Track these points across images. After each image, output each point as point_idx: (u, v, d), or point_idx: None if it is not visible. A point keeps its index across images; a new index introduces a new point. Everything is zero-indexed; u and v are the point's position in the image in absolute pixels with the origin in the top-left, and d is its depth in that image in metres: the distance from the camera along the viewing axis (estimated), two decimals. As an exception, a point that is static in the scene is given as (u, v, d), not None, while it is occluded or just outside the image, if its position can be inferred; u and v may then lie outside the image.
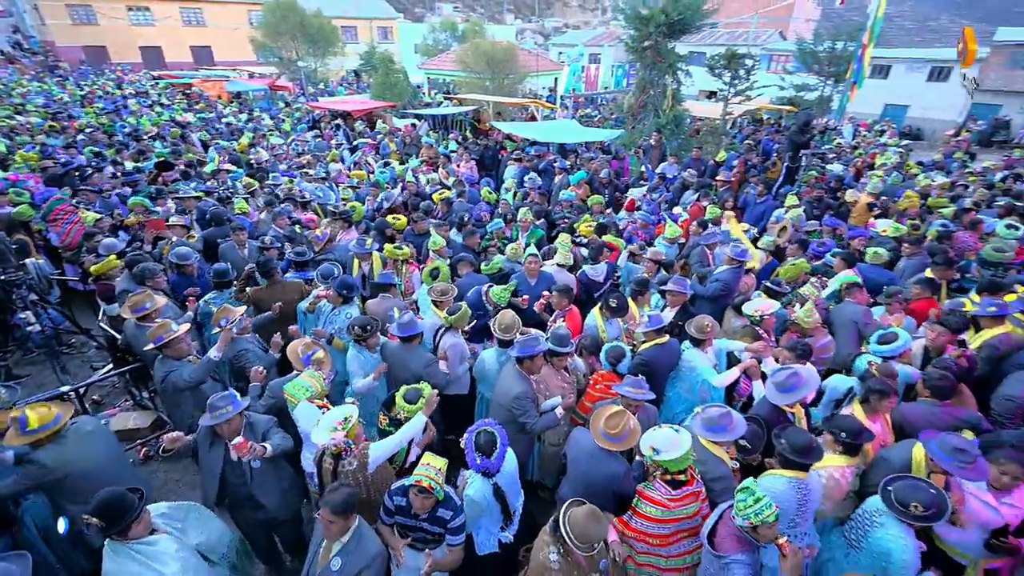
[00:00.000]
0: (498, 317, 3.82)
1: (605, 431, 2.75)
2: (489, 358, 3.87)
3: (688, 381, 3.82)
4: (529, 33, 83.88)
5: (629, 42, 11.62)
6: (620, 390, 3.07)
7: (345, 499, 2.31)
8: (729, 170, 8.97)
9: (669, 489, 2.61)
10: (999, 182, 10.66)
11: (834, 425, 2.91)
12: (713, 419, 2.86)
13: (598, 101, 21.67)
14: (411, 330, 3.77)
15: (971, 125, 22.33)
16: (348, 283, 4.36)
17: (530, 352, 3.26)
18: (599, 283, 5.38)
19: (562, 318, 4.31)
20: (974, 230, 6.82)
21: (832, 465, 2.86)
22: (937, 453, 2.61)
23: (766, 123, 17.00)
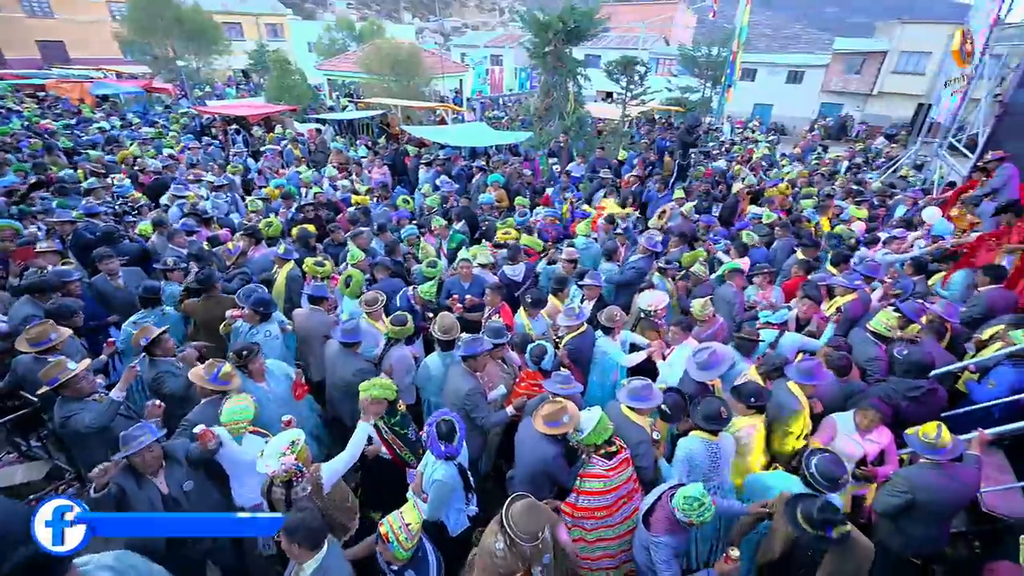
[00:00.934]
0: (437, 319, 3.96)
1: (543, 416, 3.03)
2: (433, 363, 3.96)
3: (602, 366, 4.21)
4: (428, 33, 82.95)
5: (530, 48, 12.10)
6: (550, 387, 3.33)
7: (300, 525, 2.23)
8: (631, 168, 9.76)
9: (606, 461, 2.94)
10: (844, 172, 12.63)
11: (740, 392, 3.41)
12: (636, 390, 3.24)
13: (502, 103, 22.22)
14: (353, 337, 3.85)
15: (821, 122, 25.99)
16: (263, 300, 4.17)
17: (475, 351, 3.44)
18: (518, 283, 5.68)
19: (496, 314, 4.53)
20: (828, 212, 8.10)
21: (745, 424, 3.38)
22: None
23: (659, 122, 18.48)
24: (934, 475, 2.77)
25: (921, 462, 2.85)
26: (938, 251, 6.24)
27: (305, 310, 4.55)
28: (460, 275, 5.13)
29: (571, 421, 3.06)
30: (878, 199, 9.34)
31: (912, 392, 3.44)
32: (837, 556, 2.39)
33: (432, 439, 2.85)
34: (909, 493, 2.79)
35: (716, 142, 16.25)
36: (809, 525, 2.32)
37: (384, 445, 3.39)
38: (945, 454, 2.72)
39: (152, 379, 3.65)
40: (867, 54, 26.38)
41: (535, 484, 3.10)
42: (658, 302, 4.56)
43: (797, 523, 2.35)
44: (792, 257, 5.96)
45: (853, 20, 75.94)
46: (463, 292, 5.00)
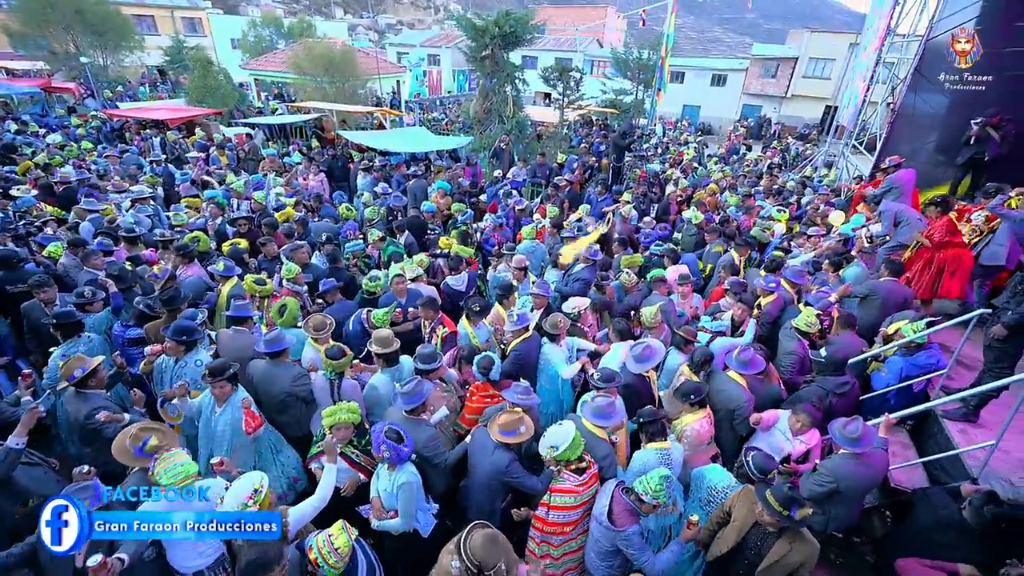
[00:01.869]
0: (373, 336, 3.91)
1: (499, 425, 3.08)
2: (380, 383, 3.86)
3: (547, 373, 4.30)
4: (362, 30, 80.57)
5: (468, 52, 12.10)
6: (510, 398, 3.37)
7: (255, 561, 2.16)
8: (571, 172, 10.00)
9: (576, 477, 3.01)
10: (766, 171, 13.55)
11: (682, 391, 3.61)
12: (600, 408, 3.35)
13: (444, 105, 22.03)
14: (278, 345, 3.78)
15: (743, 122, 27.77)
16: (182, 328, 3.81)
17: (419, 400, 3.29)
18: (462, 292, 5.70)
19: (440, 326, 4.51)
20: (751, 214, 8.69)
21: (691, 420, 3.58)
22: None
23: (595, 124, 19.02)
24: (853, 464, 3.07)
25: (842, 452, 3.14)
26: (839, 250, 6.85)
27: (229, 332, 4.28)
28: (394, 291, 5.03)
29: (527, 431, 3.14)
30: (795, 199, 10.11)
31: (841, 389, 3.78)
32: (784, 546, 2.60)
33: (392, 447, 2.86)
34: (834, 483, 3.07)
35: (650, 144, 16.94)
36: (780, 504, 2.53)
37: (357, 469, 3.33)
38: (862, 445, 3.02)
39: (85, 416, 3.26)
40: (781, 60, 28.45)
41: (490, 492, 3.17)
42: (580, 305, 4.73)
43: (768, 503, 2.55)
44: (722, 259, 6.33)
45: (769, 26, 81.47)
46: (402, 308, 4.94)
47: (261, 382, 3.81)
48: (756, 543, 2.70)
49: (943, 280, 5.24)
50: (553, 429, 3.06)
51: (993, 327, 3.75)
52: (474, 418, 3.65)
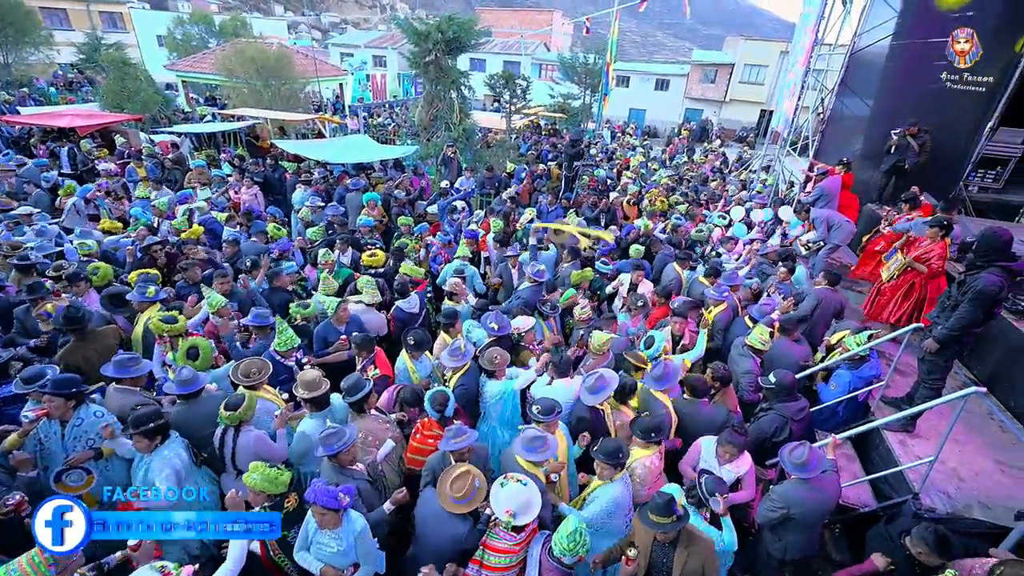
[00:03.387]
0: (299, 378, 3.56)
1: (452, 495, 2.78)
2: (311, 429, 3.52)
3: (491, 412, 4.03)
4: (304, 28, 77.63)
5: (410, 57, 11.70)
6: (444, 447, 3.12)
7: None
8: (519, 182, 9.83)
9: (514, 535, 2.75)
10: (711, 175, 13.96)
11: (643, 428, 3.47)
12: (530, 440, 3.13)
13: (392, 108, 21.34)
14: (193, 386, 3.43)
15: (687, 126, 28.70)
16: (64, 380, 3.24)
17: (342, 447, 2.96)
18: (416, 315, 5.40)
19: (371, 365, 4.19)
20: (695, 221, 8.85)
21: (642, 457, 3.44)
22: None
23: (544, 130, 19.01)
24: (804, 490, 3.04)
25: (791, 478, 3.10)
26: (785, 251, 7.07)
27: (112, 391, 3.63)
28: (335, 320, 4.66)
29: (482, 485, 2.88)
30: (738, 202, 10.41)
31: (799, 415, 3.77)
32: (683, 554, 2.67)
33: (348, 493, 2.64)
34: (785, 507, 3.03)
35: (598, 149, 17.09)
36: (705, 493, 2.84)
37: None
38: (810, 471, 2.99)
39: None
40: (719, 65, 29.64)
41: (443, 561, 2.86)
42: (525, 326, 4.55)
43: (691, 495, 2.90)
44: (665, 271, 6.33)
45: (707, 31, 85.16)
46: (338, 337, 4.59)
47: (183, 427, 3.35)
48: (661, 559, 2.75)
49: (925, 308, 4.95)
50: (513, 486, 2.78)
51: (925, 341, 3.86)
52: (418, 459, 3.37)
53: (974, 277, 3.62)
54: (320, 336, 4.61)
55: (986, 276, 3.53)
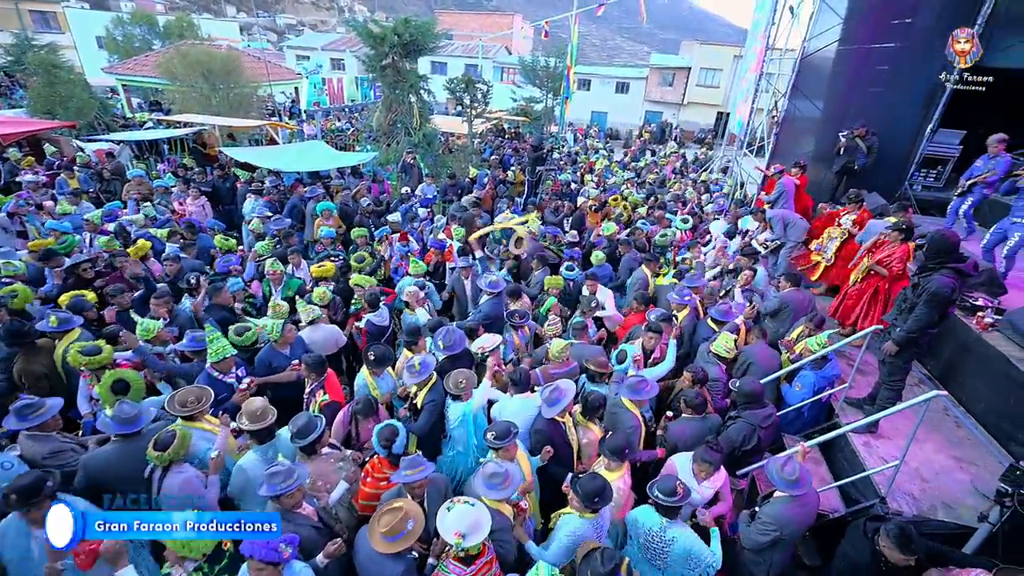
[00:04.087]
0: (244, 406, 3.28)
1: (382, 533, 2.55)
2: (249, 465, 3.22)
3: (455, 436, 3.82)
4: (259, 30, 75.29)
5: (367, 61, 11.36)
6: (398, 479, 2.89)
7: None
8: (481, 187, 9.64)
9: (464, 568, 2.56)
10: (672, 175, 14.15)
11: (606, 448, 3.33)
12: (491, 476, 2.93)
13: (351, 112, 20.76)
14: (135, 424, 3.09)
15: (648, 128, 29.23)
16: None
17: (287, 489, 2.69)
18: (386, 327, 5.19)
19: (320, 389, 3.91)
20: (660, 224, 8.88)
21: (614, 478, 3.29)
22: None
23: (507, 134, 18.90)
24: (793, 508, 2.96)
25: (779, 496, 3.03)
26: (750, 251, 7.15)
27: (23, 438, 3.19)
28: (278, 344, 4.33)
29: (417, 527, 2.65)
30: (696, 206, 10.56)
31: (766, 423, 3.71)
32: None
33: (291, 543, 2.38)
34: (777, 530, 2.94)
35: (562, 153, 17.11)
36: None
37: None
38: (801, 487, 2.92)
39: None
40: (676, 69, 30.35)
41: None
42: (489, 344, 4.37)
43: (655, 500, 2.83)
44: (633, 277, 6.28)
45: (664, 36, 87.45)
46: (284, 362, 4.28)
47: (111, 474, 2.99)
48: None
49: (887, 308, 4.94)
50: (460, 507, 2.61)
51: (884, 344, 3.90)
52: (370, 504, 3.12)
53: (927, 279, 3.67)
54: (263, 362, 4.28)
55: (938, 278, 3.58)
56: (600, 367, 4.16)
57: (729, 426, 3.83)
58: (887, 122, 8.51)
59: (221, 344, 3.83)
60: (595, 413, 3.81)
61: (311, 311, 4.79)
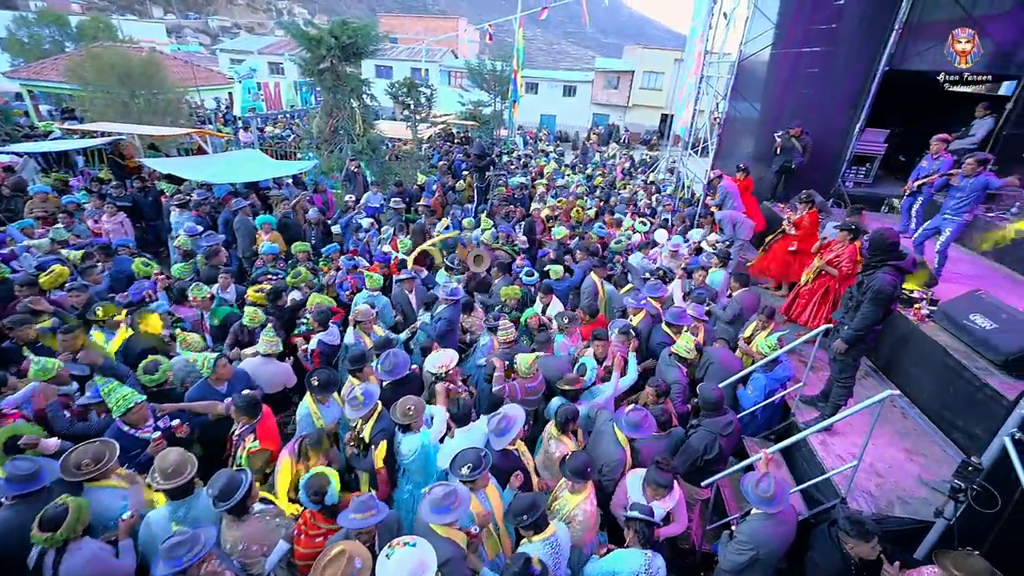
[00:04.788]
0: (157, 460, 2.88)
1: None
2: (156, 520, 2.80)
3: (411, 470, 3.52)
4: (190, 32, 71.28)
5: (303, 64, 10.78)
6: (349, 524, 2.59)
7: None
8: (430, 195, 9.33)
9: None
10: (620, 180, 14.31)
11: (566, 469, 3.14)
12: (438, 500, 2.71)
13: (294, 119, 19.75)
14: (34, 483, 2.69)
15: (596, 130, 29.72)
16: None
17: (192, 562, 2.30)
18: (338, 346, 4.88)
19: (251, 434, 3.50)
20: (618, 227, 8.89)
21: (577, 502, 3.12)
22: None
23: (457, 138, 18.61)
24: (770, 526, 2.87)
25: (756, 514, 2.93)
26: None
27: None
28: (212, 380, 3.89)
29: (365, 568, 2.37)
30: (647, 208, 10.70)
31: (727, 430, 3.64)
32: None
33: None
34: (754, 549, 2.84)
35: (512, 157, 17.00)
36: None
37: None
38: (777, 504, 2.82)
39: None
40: (620, 72, 31.06)
41: None
42: (447, 362, 4.12)
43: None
44: (583, 284, 6.18)
45: (607, 40, 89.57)
46: (220, 398, 3.85)
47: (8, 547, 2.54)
48: None
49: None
50: (401, 555, 2.34)
51: (834, 343, 3.95)
52: (307, 564, 2.78)
53: (871, 277, 3.73)
54: (192, 399, 3.83)
55: (881, 276, 3.64)
56: (570, 384, 4.00)
57: (691, 435, 3.75)
58: (819, 122, 8.90)
59: (121, 394, 3.32)
60: (568, 426, 3.64)
61: (271, 344, 4.36)
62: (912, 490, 3.65)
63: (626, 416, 3.51)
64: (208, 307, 5.12)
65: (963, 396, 4.16)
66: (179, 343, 4.29)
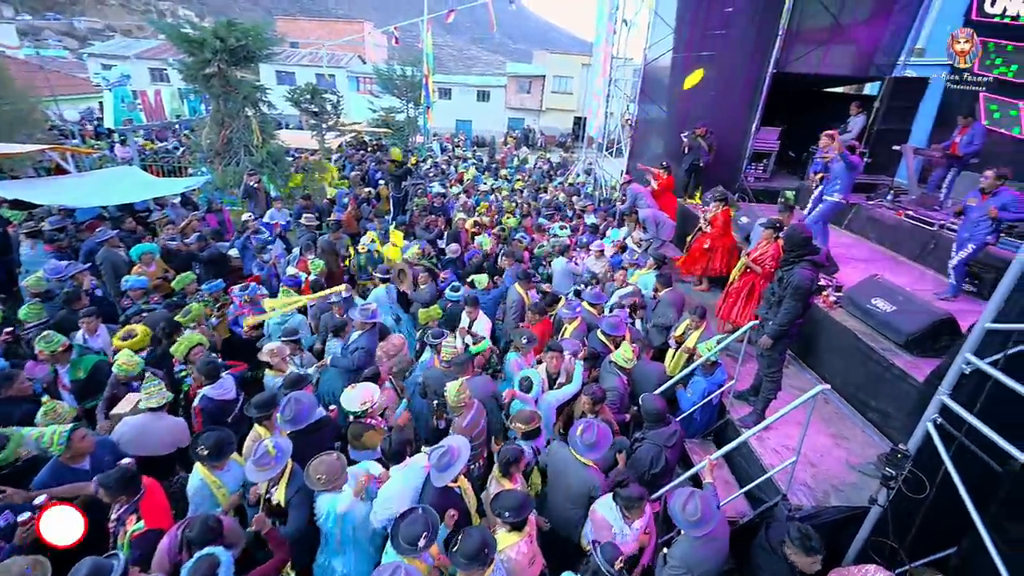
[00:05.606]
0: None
1: None
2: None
3: (331, 536, 3.03)
4: (52, 35, 62.75)
5: (184, 69, 9.62)
6: None
7: None
8: (343, 208, 8.65)
9: None
10: (542, 186, 14.35)
11: (497, 507, 2.85)
12: None
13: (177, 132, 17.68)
14: None
15: (512, 134, 29.93)
16: None
17: None
18: (232, 402, 4.12)
19: (132, 515, 2.84)
20: (541, 233, 8.77)
21: (508, 545, 2.82)
22: None
23: (370, 146, 17.76)
24: (701, 548, 2.74)
25: (682, 535, 2.80)
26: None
27: None
28: (66, 455, 3.13)
29: None
30: (571, 210, 10.74)
31: (672, 440, 3.53)
32: None
33: None
34: (688, 573, 2.69)
35: (430, 164, 16.51)
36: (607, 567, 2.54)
37: None
38: (707, 525, 2.70)
39: None
40: (532, 77, 31.56)
41: None
42: (369, 397, 3.68)
43: None
44: (508, 294, 5.95)
45: (516, 46, 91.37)
46: (86, 477, 3.12)
47: None
48: None
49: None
50: None
51: (760, 339, 4.01)
52: None
53: (789, 273, 3.82)
54: (44, 486, 3.04)
55: (799, 271, 3.73)
56: (527, 423, 3.63)
57: (636, 449, 3.61)
58: (721, 122, 9.41)
59: None
60: (511, 468, 3.27)
61: (156, 395, 3.59)
62: (843, 476, 3.77)
63: (580, 439, 3.25)
64: (64, 360, 4.21)
65: (874, 377, 4.42)
66: (42, 414, 3.42)
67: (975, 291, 5.53)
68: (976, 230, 4.99)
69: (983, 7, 8.28)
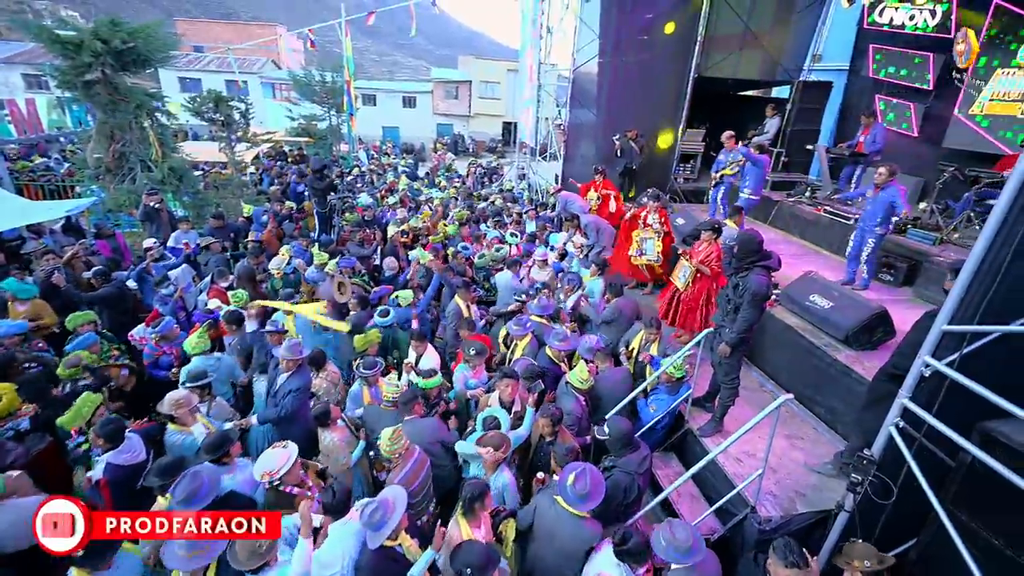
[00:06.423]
0: None
1: None
2: None
3: None
4: None
5: (58, 75, 8.35)
6: None
7: None
8: (261, 227, 7.84)
9: None
10: (476, 193, 14.04)
11: (458, 563, 2.50)
12: None
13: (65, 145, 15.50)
14: None
15: (441, 140, 29.45)
16: None
17: None
18: (142, 464, 3.41)
19: None
20: (479, 242, 8.45)
21: None
22: None
23: (291, 157, 16.61)
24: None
25: (676, 568, 2.60)
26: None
27: None
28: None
29: None
30: (508, 216, 10.51)
31: (642, 467, 3.36)
32: None
33: None
34: None
35: (357, 174, 15.69)
36: None
37: None
38: (694, 555, 2.52)
39: None
40: (459, 83, 31.26)
41: None
42: (282, 463, 3.09)
43: None
44: (449, 307, 5.62)
45: (439, 52, 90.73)
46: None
47: None
48: None
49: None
50: None
51: (719, 347, 3.95)
52: None
53: (744, 279, 3.78)
54: None
55: (755, 278, 3.70)
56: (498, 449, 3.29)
57: (608, 479, 3.39)
58: (650, 124, 9.62)
59: None
60: (475, 505, 2.90)
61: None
62: (804, 479, 3.78)
63: (573, 489, 2.86)
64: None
65: (818, 373, 4.53)
66: None
67: (891, 279, 5.91)
68: (869, 223, 5.31)
69: (872, 17, 9.07)
